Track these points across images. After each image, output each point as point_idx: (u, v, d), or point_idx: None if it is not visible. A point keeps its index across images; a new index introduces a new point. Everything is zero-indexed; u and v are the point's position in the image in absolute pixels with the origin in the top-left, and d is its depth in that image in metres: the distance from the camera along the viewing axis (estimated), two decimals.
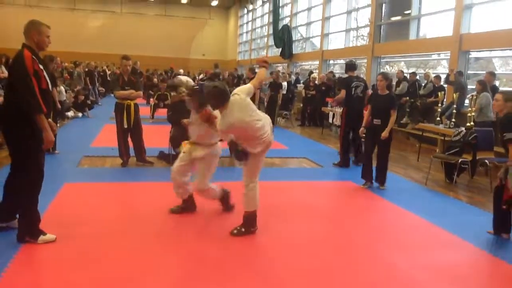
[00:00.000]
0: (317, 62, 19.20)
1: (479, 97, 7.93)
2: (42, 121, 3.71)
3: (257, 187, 4.39)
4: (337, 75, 14.46)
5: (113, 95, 7.17)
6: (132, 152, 7.21)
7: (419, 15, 13.20)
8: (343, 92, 7.95)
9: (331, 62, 18.88)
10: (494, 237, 4.71)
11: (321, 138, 11.61)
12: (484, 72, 9.58)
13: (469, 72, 10.88)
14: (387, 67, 15.95)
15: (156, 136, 8.58)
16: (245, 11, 31.90)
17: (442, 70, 12.72)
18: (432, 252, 4.27)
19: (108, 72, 21.80)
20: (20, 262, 3.55)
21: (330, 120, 12.32)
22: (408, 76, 11.87)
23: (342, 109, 8.35)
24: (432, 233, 4.79)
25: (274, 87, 13.49)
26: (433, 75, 11.22)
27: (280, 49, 22.13)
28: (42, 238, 3.92)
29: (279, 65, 23.95)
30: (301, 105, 14.98)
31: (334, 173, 7.55)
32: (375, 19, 14.65)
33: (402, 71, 12.36)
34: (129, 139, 7.12)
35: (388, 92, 6.51)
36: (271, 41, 24.62)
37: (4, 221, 4.10)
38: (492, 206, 4.86)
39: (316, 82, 14.41)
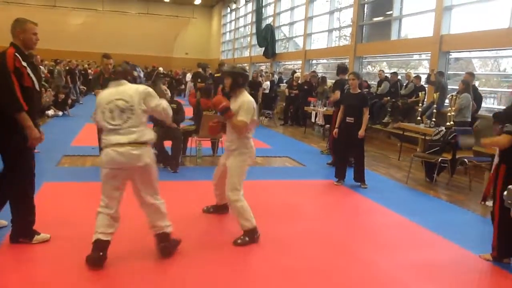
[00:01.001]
0: (300, 62, 19.26)
1: (460, 97, 8.04)
2: (23, 119, 3.62)
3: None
4: (319, 75, 14.50)
5: (94, 94, 7.08)
6: None
7: (400, 15, 13.32)
8: (337, 94, 8.01)
9: (314, 61, 18.95)
10: (474, 234, 4.77)
11: (303, 137, 11.65)
12: (464, 72, 9.72)
13: (449, 73, 11.02)
14: (369, 67, 16.07)
15: None
16: (228, 10, 31.82)
17: (423, 70, 12.87)
18: (412, 250, 4.32)
19: (89, 70, 21.54)
20: None
21: (313, 120, 12.36)
22: (389, 76, 11.98)
23: (334, 109, 8.36)
24: (413, 232, 4.84)
25: (253, 85, 13.50)
26: (414, 75, 11.35)
27: (263, 48, 22.14)
28: (36, 238, 3.88)
29: (262, 64, 23.96)
30: (284, 104, 15.01)
31: (317, 172, 7.58)
32: (358, 20, 14.74)
33: (383, 71, 12.46)
34: None
35: (360, 91, 6.68)
36: (254, 41, 24.61)
37: None
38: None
39: (300, 81, 14.45)
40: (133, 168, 3.47)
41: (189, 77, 18.97)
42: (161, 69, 20.35)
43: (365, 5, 14.95)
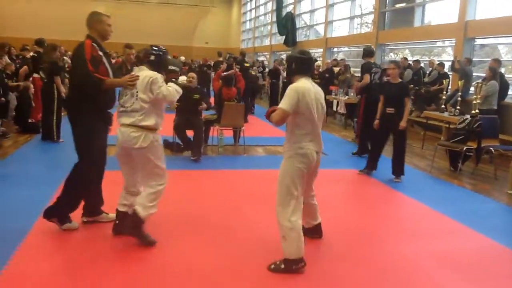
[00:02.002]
0: (321, 50, 19.09)
1: (487, 84, 7.87)
2: (110, 85, 3.82)
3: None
4: (339, 63, 14.38)
5: None
6: None
7: (424, 1, 13.07)
8: (366, 77, 7.74)
9: (335, 49, 18.76)
10: (500, 224, 4.70)
11: (324, 126, 11.56)
12: (490, 59, 9.51)
13: (474, 60, 10.79)
14: (391, 54, 15.85)
15: None
16: None
17: (447, 57, 12.63)
18: (436, 239, 4.28)
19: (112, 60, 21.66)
20: (25, 251, 3.59)
21: (334, 108, 12.29)
22: (412, 64, 11.80)
23: (360, 96, 8.19)
24: (437, 221, 4.79)
25: (274, 75, 13.43)
26: (437, 62, 11.15)
27: (284, 36, 21.99)
28: (67, 225, 3.99)
29: (283, 53, 23.82)
30: None
31: (339, 161, 7.53)
32: (380, 6, 14.52)
33: (406, 58, 12.27)
34: None
35: (400, 80, 6.51)
36: (274, 29, 24.46)
37: (89, 215, 4.20)
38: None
39: (320, 70, 14.34)
40: (130, 149, 3.74)
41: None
42: (182, 58, 20.39)
43: None
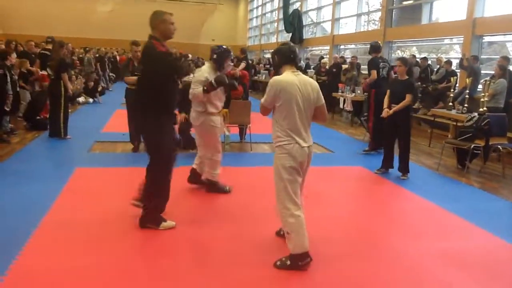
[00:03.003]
0: (328, 47, 19.03)
1: (496, 82, 7.80)
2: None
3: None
4: (347, 60, 14.32)
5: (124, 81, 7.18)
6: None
7: None
8: (374, 73, 7.68)
9: (342, 47, 18.70)
10: (508, 223, 4.67)
11: (331, 123, 11.54)
12: (498, 57, 9.43)
13: (482, 57, 10.71)
14: (398, 52, 15.77)
15: None
16: None
17: (455, 55, 12.53)
18: (443, 237, 4.25)
19: (118, 57, 21.77)
20: (33, 248, 3.61)
21: (341, 106, 12.25)
22: (419, 61, 11.73)
23: (370, 92, 8.10)
24: (444, 219, 4.77)
25: None
26: (445, 60, 11.08)
27: (291, 34, 21.94)
28: (163, 225, 4.01)
29: None
30: None
31: (345, 158, 7.52)
32: (387, 3, 14.43)
33: (414, 56, 12.20)
34: None
35: (407, 77, 6.48)
36: (281, 26, 24.39)
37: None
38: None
39: (327, 66, 14.32)
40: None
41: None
42: (190, 55, 20.42)
43: None
